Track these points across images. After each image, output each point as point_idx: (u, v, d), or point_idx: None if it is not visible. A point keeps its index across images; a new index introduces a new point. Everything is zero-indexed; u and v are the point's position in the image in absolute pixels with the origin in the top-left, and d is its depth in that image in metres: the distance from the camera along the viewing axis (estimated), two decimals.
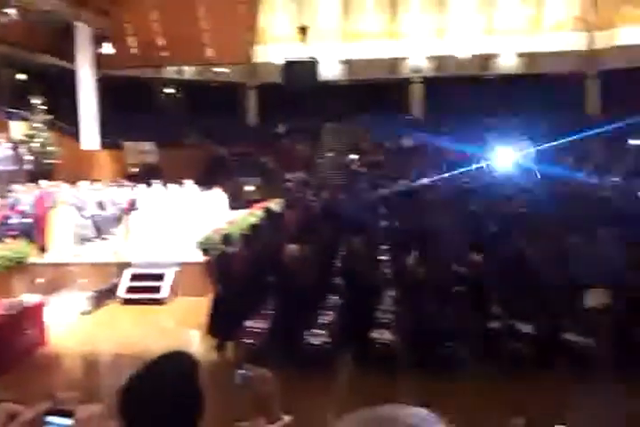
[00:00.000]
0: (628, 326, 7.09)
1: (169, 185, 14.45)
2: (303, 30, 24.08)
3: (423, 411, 0.80)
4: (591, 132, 20.44)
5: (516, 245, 9.30)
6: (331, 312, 8.35)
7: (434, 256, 8.84)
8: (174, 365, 1.69)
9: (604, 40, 25.10)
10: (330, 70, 25.70)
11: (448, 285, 7.99)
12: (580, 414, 4.89)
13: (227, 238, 9.95)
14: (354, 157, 23.37)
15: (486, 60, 26.17)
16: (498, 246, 9.46)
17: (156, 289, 10.99)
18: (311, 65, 22.23)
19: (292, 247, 9.06)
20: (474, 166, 20.39)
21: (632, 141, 21.53)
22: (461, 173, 18.70)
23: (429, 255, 8.79)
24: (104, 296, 10.90)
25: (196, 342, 8.98)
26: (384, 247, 10.94)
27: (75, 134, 18.72)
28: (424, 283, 7.93)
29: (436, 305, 7.51)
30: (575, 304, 7.51)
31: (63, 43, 18.92)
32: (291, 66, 22.30)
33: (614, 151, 20.73)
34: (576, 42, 25.63)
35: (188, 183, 14.43)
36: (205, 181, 15.99)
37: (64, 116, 18.39)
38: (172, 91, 26.45)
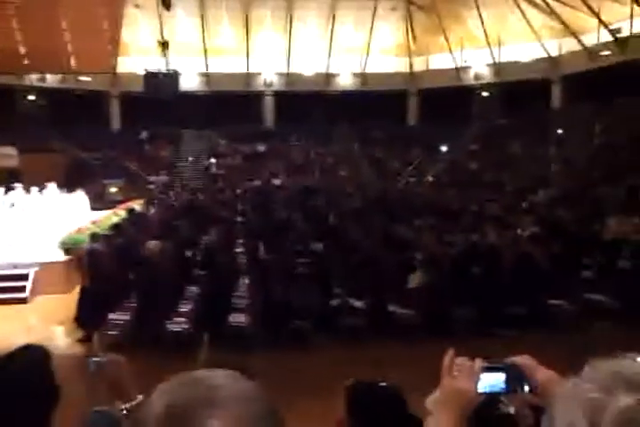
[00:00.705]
0: (439, 301, 7.66)
1: (30, 188, 13.24)
2: (164, 44, 23.19)
3: (231, 372, 0.79)
4: (411, 140, 21.92)
5: (351, 235, 9.69)
6: (191, 301, 8.17)
7: (282, 246, 8.95)
8: (25, 359, 1.57)
9: (421, 64, 26.98)
10: (190, 82, 25.09)
11: (294, 270, 8.13)
12: (401, 369, 5.22)
13: (93, 236, 9.38)
14: (212, 160, 23.03)
15: (328, 78, 27.01)
16: (337, 236, 9.80)
17: (19, 289, 10.06)
18: (172, 76, 21.48)
19: (153, 243, 8.73)
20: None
21: (442, 148, 23.39)
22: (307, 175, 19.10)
23: (278, 245, 8.89)
24: None
25: (60, 337, 8.33)
26: (240, 240, 10.91)
27: None
28: (273, 269, 7.99)
29: (284, 289, 7.61)
30: (399, 283, 7.96)
31: None
32: (152, 77, 21.38)
33: (429, 155, 22.37)
34: (399, 65, 27.29)
35: (50, 186, 13.32)
36: (68, 184, 14.89)
37: None
38: (34, 97, 24.25)
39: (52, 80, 23.89)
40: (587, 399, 0.70)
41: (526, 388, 1.16)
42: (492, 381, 1.16)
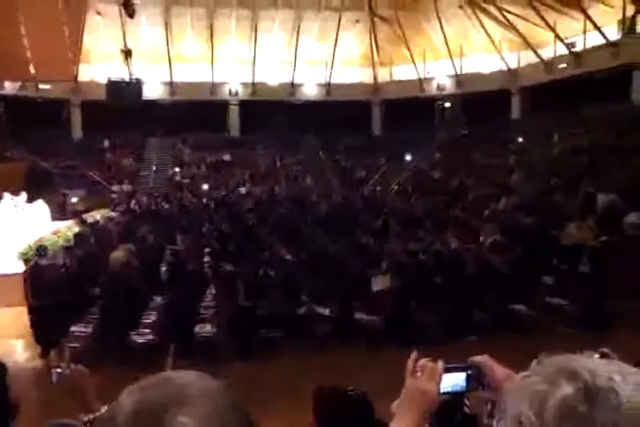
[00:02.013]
0: (404, 307, 7.73)
1: None
2: (127, 53, 22.88)
3: (198, 372, 0.80)
4: (376, 149, 22.14)
5: (317, 242, 9.72)
6: (156, 312, 8.02)
7: (249, 255, 8.89)
8: None
9: (384, 75, 27.38)
10: (154, 90, 24.85)
11: (262, 278, 8.08)
12: (371, 376, 5.24)
13: (40, 250, 8.68)
14: (177, 169, 22.77)
15: (293, 87, 27.12)
16: (303, 243, 9.80)
17: None
18: (135, 85, 21.21)
19: (117, 253, 8.55)
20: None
21: (406, 157, 23.72)
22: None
23: (245, 254, 8.83)
24: None
25: (18, 351, 8.06)
26: (207, 249, 10.77)
27: None
28: (240, 278, 7.94)
29: (252, 298, 7.56)
30: (364, 289, 8.01)
31: None
32: (115, 85, 21.06)
33: (394, 164, 22.63)
34: (364, 76, 27.63)
35: (8, 196, 12.91)
36: (28, 194, 14.46)
37: None
38: None
39: (10, 87, 23.27)
40: (532, 391, 0.72)
41: (487, 386, 1.19)
42: (453, 381, 1.20)
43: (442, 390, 1.19)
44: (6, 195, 12.96)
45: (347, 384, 2.41)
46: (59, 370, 1.57)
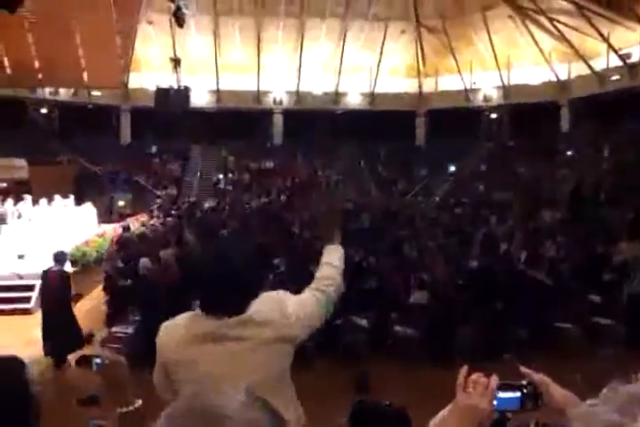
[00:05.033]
0: (444, 322, 7.59)
1: (39, 200, 13.34)
2: (176, 61, 23.54)
3: (239, 397, 0.81)
4: (419, 160, 21.95)
5: (358, 254, 9.67)
6: None
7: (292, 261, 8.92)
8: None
9: (430, 85, 27.20)
10: (200, 98, 25.41)
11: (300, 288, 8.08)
12: (404, 389, 5.19)
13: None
14: (220, 176, 23.16)
15: (337, 97, 27.24)
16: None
17: (25, 300, 10.07)
18: (182, 92, 21.77)
19: (166, 254, 8.75)
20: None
21: (450, 168, 23.44)
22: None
23: (290, 261, 8.87)
24: None
25: None
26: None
27: None
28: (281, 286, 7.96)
29: None
30: (402, 302, 7.92)
31: None
32: (163, 92, 21.67)
33: (437, 175, 22.39)
34: (409, 85, 27.52)
35: (58, 199, 13.42)
36: (77, 197, 15.01)
37: None
38: (46, 111, 24.60)
39: (64, 94, 24.26)
40: (604, 421, 0.70)
41: (542, 407, 1.16)
42: (507, 398, 1.15)
43: (495, 408, 1.14)
44: (57, 197, 13.47)
45: (380, 397, 2.40)
46: (98, 360, 1.61)
